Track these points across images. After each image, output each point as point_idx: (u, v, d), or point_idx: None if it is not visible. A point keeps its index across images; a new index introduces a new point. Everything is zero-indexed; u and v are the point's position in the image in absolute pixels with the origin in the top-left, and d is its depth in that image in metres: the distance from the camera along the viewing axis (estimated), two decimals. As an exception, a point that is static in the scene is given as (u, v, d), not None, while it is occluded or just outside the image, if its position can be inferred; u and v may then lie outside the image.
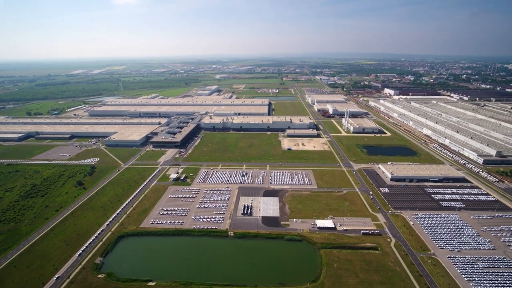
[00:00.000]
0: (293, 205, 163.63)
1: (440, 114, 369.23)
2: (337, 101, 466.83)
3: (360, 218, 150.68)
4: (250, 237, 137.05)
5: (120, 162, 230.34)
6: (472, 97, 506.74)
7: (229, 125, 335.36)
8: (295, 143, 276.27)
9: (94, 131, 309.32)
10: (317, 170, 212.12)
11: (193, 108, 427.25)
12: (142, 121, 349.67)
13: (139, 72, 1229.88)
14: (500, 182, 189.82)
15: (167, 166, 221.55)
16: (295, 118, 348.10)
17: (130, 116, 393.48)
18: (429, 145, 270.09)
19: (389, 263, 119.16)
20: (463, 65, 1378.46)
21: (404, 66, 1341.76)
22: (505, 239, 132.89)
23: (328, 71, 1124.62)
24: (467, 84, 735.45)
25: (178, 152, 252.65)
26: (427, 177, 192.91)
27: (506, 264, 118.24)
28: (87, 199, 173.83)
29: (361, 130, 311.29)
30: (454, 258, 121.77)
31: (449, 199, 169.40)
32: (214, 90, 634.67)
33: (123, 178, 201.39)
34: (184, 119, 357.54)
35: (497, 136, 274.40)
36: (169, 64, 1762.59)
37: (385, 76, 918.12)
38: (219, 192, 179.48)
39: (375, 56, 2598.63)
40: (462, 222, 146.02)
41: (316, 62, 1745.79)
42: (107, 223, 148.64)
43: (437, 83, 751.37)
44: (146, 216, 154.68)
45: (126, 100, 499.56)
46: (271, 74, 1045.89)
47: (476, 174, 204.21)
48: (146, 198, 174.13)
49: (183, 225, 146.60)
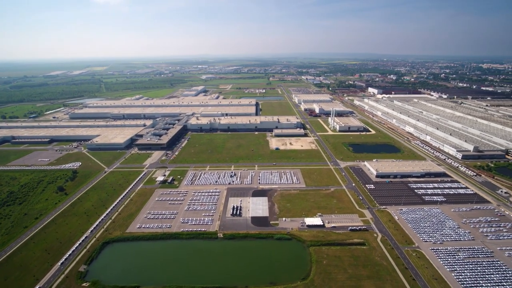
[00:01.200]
0: (282, 204, 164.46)
1: (421, 112, 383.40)
2: (323, 101, 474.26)
3: (348, 215, 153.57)
4: (240, 237, 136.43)
5: (103, 166, 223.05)
6: (451, 95, 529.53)
7: (217, 126, 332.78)
8: (283, 143, 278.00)
9: (75, 135, 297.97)
10: (305, 169, 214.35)
11: (179, 109, 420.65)
12: (126, 123, 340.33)
13: (122, 73, 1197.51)
14: (478, 176, 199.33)
15: (153, 169, 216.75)
16: (283, 118, 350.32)
17: (113, 118, 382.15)
18: (411, 142, 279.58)
19: (376, 258, 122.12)
20: (442, 64, 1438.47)
21: (386, 66, 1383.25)
22: (483, 230, 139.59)
23: (314, 71, 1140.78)
24: (446, 83, 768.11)
25: (164, 154, 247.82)
26: (410, 173, 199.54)
27: (485, 253, 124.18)
28: (69, 205, 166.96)
29: (346, 128, 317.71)
30: (437, 250, 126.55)
31: (431, 193, 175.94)
32: (200, 91, 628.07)
33: (107, 182, 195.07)
34: (170, 120, 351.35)
35: (474, 132, 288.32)
36: (154, 65, 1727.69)
37: (368, 75, 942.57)
38: (207, 194, 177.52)
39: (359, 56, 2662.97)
40: (444, 215, 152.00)
41: (302, 62, 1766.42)
42: (91, 230, 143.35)
43: (418, 82, 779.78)
44: (132, 220, 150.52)
45: (109, 102, 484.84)
46: (258, 74, 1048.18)
47: (456, 169, 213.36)
48: (132, 202, 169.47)
49: (171, 228, 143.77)
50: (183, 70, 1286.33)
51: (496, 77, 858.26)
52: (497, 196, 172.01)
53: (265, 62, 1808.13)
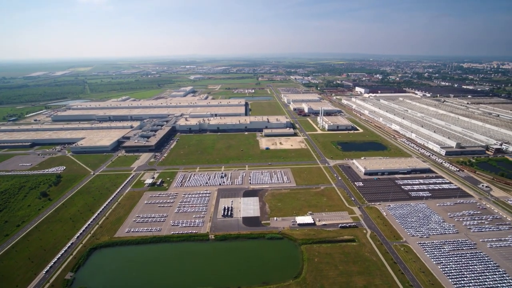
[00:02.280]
0: (273, 204, 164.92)
1: (406, 110, 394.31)
2: (312, 100, 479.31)
3: (338, 213, 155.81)
4: (232, 238, 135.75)
5: (89, 170, 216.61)
6: (434, 93, 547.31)
7: (206, 127, 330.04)
8: (273, 142, 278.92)
9: (58, 138, 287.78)
10: (295, 168, 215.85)
11: (167, 110, 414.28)
12: (112, 125, 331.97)
13: (107, 73, 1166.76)
14: (460, 171, 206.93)
15: (141, 171, 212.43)
16: (272, 118, 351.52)
17: (99, 120, 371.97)
18: (397, 139, 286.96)
19: (366, 254, 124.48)
20: (425, 64, 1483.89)
21: (372, 66, 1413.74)
22: (466, 223, 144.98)
23: (302, 71, 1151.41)
24: (429, 81, 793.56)
25: (153, 156, 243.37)
26: (397, 170, 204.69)
27: (468, 246, 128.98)
28: (53, 211, 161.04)
29: (335, 127, 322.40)
30: (424, 244, 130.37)
31: (417, 189, 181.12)
32: (189, 91, 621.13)
33: (93, 186, 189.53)
34: (158, 121, 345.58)
35: (456, 129, 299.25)
36: (140, 65, 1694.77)
37: (355, 75, 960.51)
38: (198, 195, 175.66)
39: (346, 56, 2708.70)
40: (429, 210, 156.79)
41: (291, 62, 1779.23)
42: (77, 235, 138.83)
43: (402, 81, 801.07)
44: (120, 225, 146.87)
45: (94, 103, 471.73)
46: (247, 74, 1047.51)
47: (440, 165, 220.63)
48: (120, 206, 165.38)
49: (161, 231, 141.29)
50: (170, 71, 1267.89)
51: (476, 76, 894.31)
52: (478, 190, 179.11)
53: (254, 62, 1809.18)
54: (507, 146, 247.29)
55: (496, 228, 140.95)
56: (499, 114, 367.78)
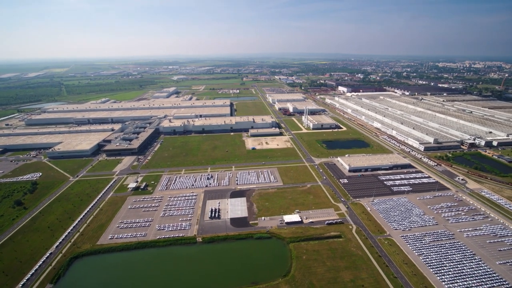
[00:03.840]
0: (261, 204, 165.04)
1: (387, 108, 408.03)
2: (297, 100, 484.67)
3: (324, 210, 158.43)
4: (220, 240, 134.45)
5: (68, 175, 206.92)
6: (412, 92, 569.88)
7: (191, 128, 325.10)
8: (259, 142, 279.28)
9: (33, 143, 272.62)
10: (281, 167, 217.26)
11: (150, 111, 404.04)
12: (92, 128, 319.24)
13: (85, 74, 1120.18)
14: (438, 166, 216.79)
15: (124, 175, 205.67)
16: (258, 118, 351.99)
17: (77, 124, 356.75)
18: (379, 136, 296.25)
19: (352, 249, 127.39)
20: (404, 63, 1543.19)
21: (354, 65, 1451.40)
22: (445, 215, 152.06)
23: (287, 71, 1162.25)
24: (407, 80, 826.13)
25: (136, 160, 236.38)
26: (379, 166, 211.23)
27: (447, 236, 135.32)
28: (29, 220, 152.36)
29: (320, 126, 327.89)
30: (406, 236, 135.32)
31: (398, 184, 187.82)
32: (172, 92, 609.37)
33: (72, 193, 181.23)
34: (140, 123, 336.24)
35: (434, 126, 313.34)
36: (120, 66, 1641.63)
37: (338, 74, 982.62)
38: (184, 198, 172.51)
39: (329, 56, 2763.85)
40: (411, 204, 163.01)
41: (275, 62, 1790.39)
42: (57, 245, 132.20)
43: (383, 80, 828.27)
44: (103, 231, 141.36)
45: (72, 106, 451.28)
46: (231, 75, 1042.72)
47: (419, 160, 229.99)
48: (102, 212, 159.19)
49: (146, 236, 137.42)
50: (152, 71, 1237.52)
51: (450, 75, 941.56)
52: (455, 183, 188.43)
53: (238, 62, 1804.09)
54: (480, 140, 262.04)
55: (472, 218, 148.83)
56: (472, 110, 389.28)
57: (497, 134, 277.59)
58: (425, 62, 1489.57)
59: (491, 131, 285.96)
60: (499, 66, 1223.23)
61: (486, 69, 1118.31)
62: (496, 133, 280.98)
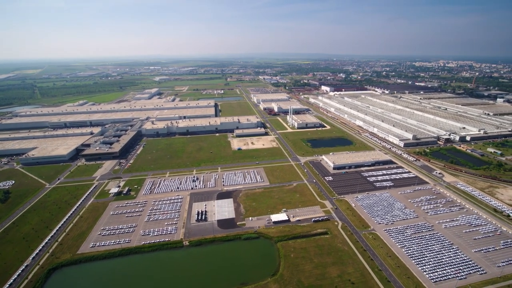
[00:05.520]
0: (248, 204, 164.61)
1: (368, 107, 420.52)
2: (281, 100, 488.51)
3: (310, 207, 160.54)
4: (207, 243, 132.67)
5: (44, 183, 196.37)
6: (391, 90, 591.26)
7: (174, 130, 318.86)
8: (244, 143, 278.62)
9: (4, 149, 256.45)
10: (268, 167, 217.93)
11: (131, 113, 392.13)
12: (69, 132, 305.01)
13: (60, 76, 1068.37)
14: (417, 161, 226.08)
15: (105, 180, 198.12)
16: (243, 118, 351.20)
17: (53, 128, 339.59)
18: (361, 134, 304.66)
19: (338, 244, 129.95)
20: (383, 63, 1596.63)
21: (336, 65, 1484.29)
22: (424, 208, 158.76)
23: (271, 71, 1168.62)
24: (387, 79, 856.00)
25: (117, 164, 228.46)
26: (362, 163, 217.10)
27: (427, 228, 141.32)
28: (1, 232, 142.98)
29: (304, 125, 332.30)
30: (389, 230, 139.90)
31: (381, 179, 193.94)
32: (154, 94, 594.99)
33: (49, 201, 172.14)
34: (121, 126, 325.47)
35: (412, 123, 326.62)
36: (98, 66, 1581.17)
37: (321, 74, 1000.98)
38: (169, 202, 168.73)
39: (311, 56, 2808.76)
40: (393, 198, 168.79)
41: (259, 62, 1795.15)
42: (33, 256, 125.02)
43: (364, 79, 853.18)
44: (84, 240, 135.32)
45: (46, 109, 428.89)
46: (215, 75, 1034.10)
47: (399, 156, 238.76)
48: (82, 219, 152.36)
49: (130, 243, 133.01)
50: (133, 72, 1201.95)
51: (426, 74, 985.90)
52: (433, 177, 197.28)
53: (221, 63, 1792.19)
54: (454, 136, 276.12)
55: (449, 210, 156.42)
56: (447, 107, 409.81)
57: (470, 130, 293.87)
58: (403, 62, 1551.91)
59: (465, 126, 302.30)
60: (470, 65, 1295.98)
61: (459, 68, 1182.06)
62: (469, 128, 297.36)
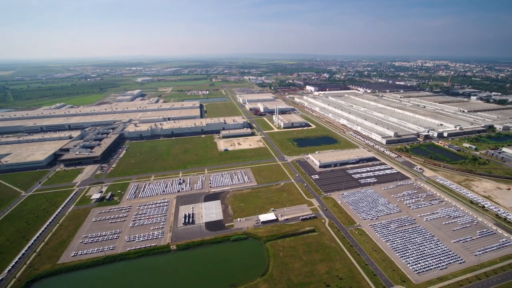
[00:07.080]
0: (236, 205, 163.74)
1: (352, 106, 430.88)
2: (267, 100, 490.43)
3: (298, 206, 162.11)
4: (195, 246, 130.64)
5: (19, 190, 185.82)
6: (373, 89, 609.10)
7: (159, 132, 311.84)
8: (231, 144, 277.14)
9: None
10: (255, 167, 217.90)
11: (113, 116, 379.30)
12: (46, 137, 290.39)
13: (35, 77, 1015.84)
14: (399, 157, 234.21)
15: (86, 186, 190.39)
16: (229, 119, 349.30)
17: (27, 132, 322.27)
18: (346, 132, 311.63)
19: (326, 241, 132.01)
20: (365, 63, 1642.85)
21: (320, 65, 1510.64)
22: (406, 202, 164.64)
23: (256, 71, 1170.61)
24: (369, 79, 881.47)
25: (99, 168, 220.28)
26: (347, 161, 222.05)
27: (409, 221, 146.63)
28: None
29: (290, 125, 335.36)
30: (374, 225, 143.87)
31: (365, 176, 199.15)
32: (137, 95, 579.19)
33: (25, 209, 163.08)
34: (103, 129, 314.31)
35: (393, 120, 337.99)
36: (76, 68, 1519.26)
37: (305, 74, 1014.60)
38: (154, 206, 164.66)
39: (296, 57, 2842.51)
40: (377, 194, 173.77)
41: (244, 63, 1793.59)
42: (9, 269, 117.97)
43: (347, 79, 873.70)
44: (64, 249, 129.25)
45: (20, 113, 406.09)
46: (200, 76, 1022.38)
47: (382, 153, 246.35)
48: (62, 227, 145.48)
49: (115, 249, 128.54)
50: (114, 73, 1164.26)
51: (406, 73, 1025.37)
52: (413, 172, 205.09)
53: (206, 63, 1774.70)
54: (433, 132, 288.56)
55: (429, 203, 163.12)
56: (425, 105, 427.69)
57: (447, 126, 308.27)
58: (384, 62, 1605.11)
59: (442, 123, 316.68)
60: (446, 65, 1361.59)
61: (436, 68, 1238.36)
62: (446, 125, 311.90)
